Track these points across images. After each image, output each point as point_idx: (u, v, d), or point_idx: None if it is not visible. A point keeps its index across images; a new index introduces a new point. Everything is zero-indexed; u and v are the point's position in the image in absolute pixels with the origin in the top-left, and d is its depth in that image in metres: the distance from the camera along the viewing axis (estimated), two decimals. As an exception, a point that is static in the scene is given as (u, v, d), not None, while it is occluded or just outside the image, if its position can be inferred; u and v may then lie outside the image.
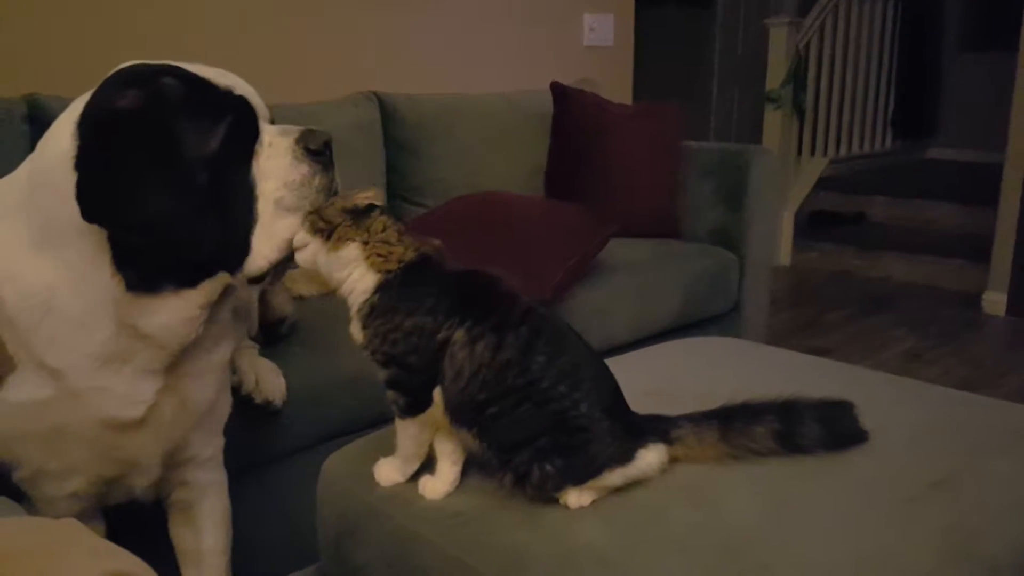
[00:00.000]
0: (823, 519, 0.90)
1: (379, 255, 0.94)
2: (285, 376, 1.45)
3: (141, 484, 1.13)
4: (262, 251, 1.00)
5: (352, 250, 0.94)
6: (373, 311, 0.94)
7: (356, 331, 0.96)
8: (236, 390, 1.33)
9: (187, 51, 2.23)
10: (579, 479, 0.92)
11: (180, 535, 1.23)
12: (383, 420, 1.43)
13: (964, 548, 0.87)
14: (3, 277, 0.97)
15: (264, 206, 0.99)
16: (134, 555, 0.64)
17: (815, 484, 0.97)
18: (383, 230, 0.95)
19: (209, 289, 1.01)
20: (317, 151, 1.01)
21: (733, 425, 0.99)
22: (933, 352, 3.05)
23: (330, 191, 1.02)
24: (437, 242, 0.99)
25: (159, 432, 1.09)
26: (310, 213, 0.98)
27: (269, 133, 1.01)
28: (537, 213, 2.09)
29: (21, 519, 0.81)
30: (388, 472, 1.02)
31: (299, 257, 0.98)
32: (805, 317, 3.47)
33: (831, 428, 1.01)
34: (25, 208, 0.97)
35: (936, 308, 3.60)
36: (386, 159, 2.36)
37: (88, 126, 0.93)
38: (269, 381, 1.41)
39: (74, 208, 0.91)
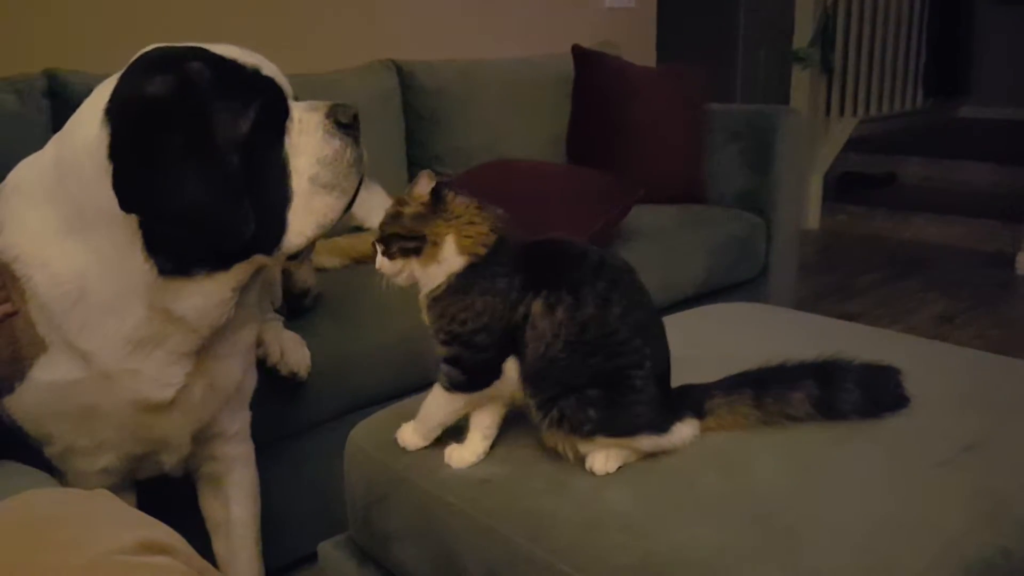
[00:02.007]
0: (853, 484, 0.89)
1: (467, 237, 0.92)
2: (310, 348, 1.46)
3: (170, 460, 1.15)
4: (299, 229, 0.99)
5: (449, 244, 0.92)
6: (448, 291, 0.92)
7: (424, 309, 0.95)
8: (261, 362, 1.34)
9: (204, 21, 2.22)
10: (614, 432, 0.92)
11: (209, 507, 1.25)
12: (408, 390, 1.43)
13: (996, 511, 0.86)
14: (35, 263, 0.98)
15: (299, 183, 0.99)
16: (165, 525, 0.65)
17: (845, 449, 0.95)
18: (465, 211, 0.93)
19: (243, 270, 1.01)
20: (347, 124, 1.01)
21: (768, 391, 0.98)
22: (966, 315, 3.00)
23: (361, 165, 1.03)
24: (500, 211, 0.96)
25: (189, 413, 1.10)
26: (380, 240, 0.95)
27: (298, 109, 1.01)
28: (559, 180, 2.07)
29: (54, 490, 0.83)
30: (412, 437, 1.02)
31: (399, 281, 0.96)
32: (834, 282, 3.43)
33: (872, 393, 0.99)
34: (54, 194, 0.97)
35: (969, 270, 3.54)
36: (405, 128, 2.35)
37: (119, 115, 0.92)
38: (294, 353, 1.42)
39: (104, 195, 0.91)
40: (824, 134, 4.40)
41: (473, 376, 0.94)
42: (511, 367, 0.93)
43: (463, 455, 0.99)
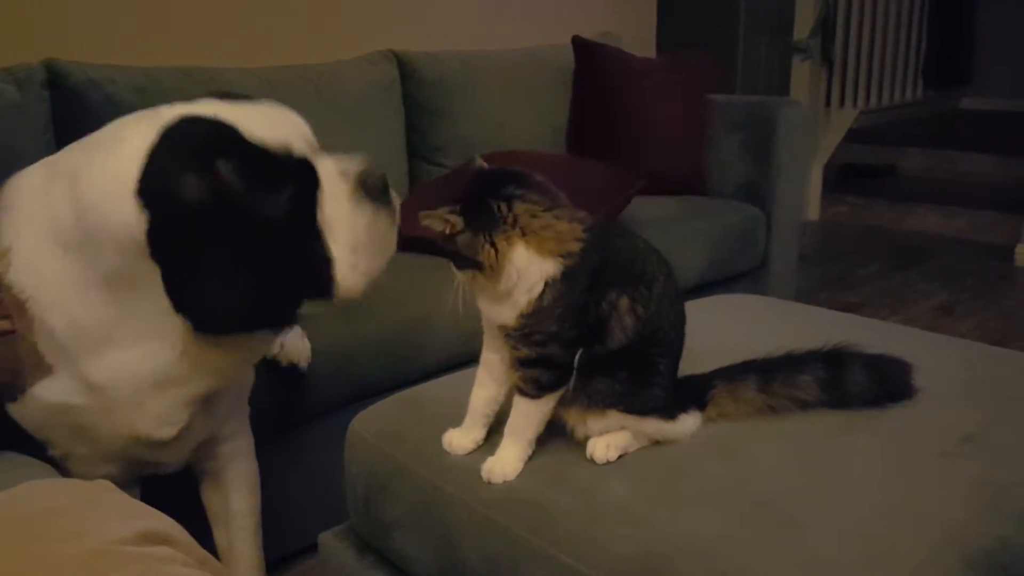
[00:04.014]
0: (854, 474, 0.89)
1: (549, 239, 0.87)
2: (311, 338, 1.46)
3: (170, 468, 1.16)
4: (350, 285, 1.02)
5: (519, 250, 0.86)
6: (550, 294, 0.87)
7: (511, 314, 0.89)
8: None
9: (205, 12, 2.21)
10: (629, 409, 0.93)
11: (210, 498, 1.25)
12: (409, 380, 1.44)
13: (995, 501, 0.86)
14: (53, 307, 0.96)
15: (340, 252, 1.00)
16: (166, 515, 0.65)
17: (846, 439, 0.96)
18: (533, 216, 0.87)
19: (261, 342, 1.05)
20: (375, 190, 1.01)
21: (775, 376, 0.98)
22: (966, 306, 3.00)
23: (395, 222, 1.04)
24: (564, 197, 0.92)
25: (186, 444, 1.12)
26: (454, 261, 0.90)
27: (327, 178, 1.00)
28: (560, 171, 2.05)
29: (54, 480, 0.83)
30: (509, 464, 0.95)
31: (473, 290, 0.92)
32: (835, 272, 3.43)
33: (880, 379, 1.00)
34: (78, 250, 0.94)
35: (969, 261, 3.54)
36: (406, 118, 2.34)
37: (157, 213, 0.90)
38: (294, 344, 1.42)
39: (145, 268, 0.92)
40: (824, 125, 4.39)
41: (563, 373, 0.92)
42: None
43: (462, 443, 0.99)
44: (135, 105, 1.70)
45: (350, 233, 1.00)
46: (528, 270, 0.86)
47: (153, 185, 0.91)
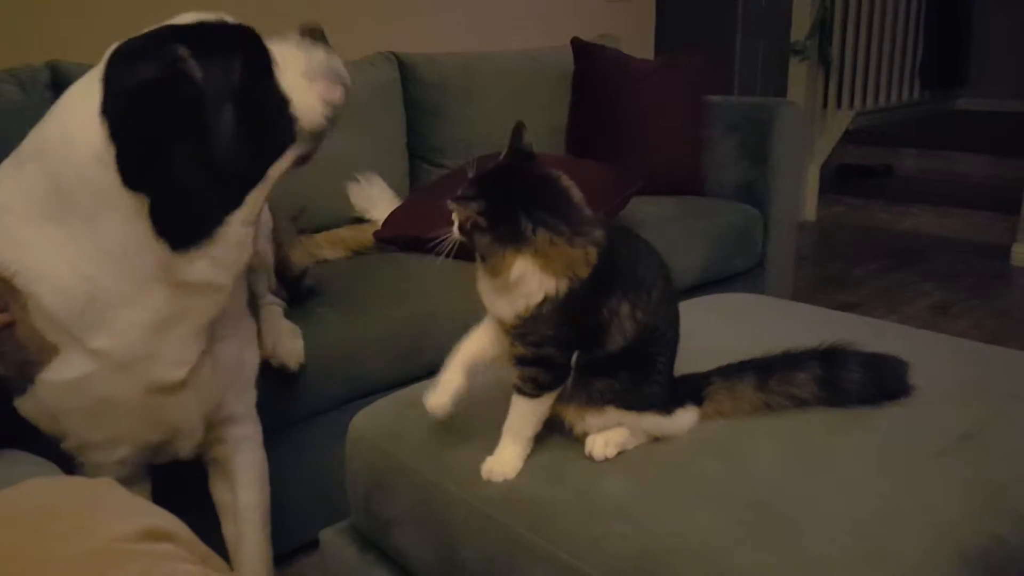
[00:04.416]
0: (850, 473, 0.90)
1: (559, 262, 0.87)
2: (312, 337, 1.46)
3: (184, 447, 1.17)
4: (310, 115, 1.05)
5: (528, 266, 0.86)
6: (550, 306, 0.88)
7: (509, 312, 0.90)
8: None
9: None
10: (628, 405, 0.94)
11: (219, 490, 1.26)
12: (410, 378, 1.44)
13: (991, 500, 0.87)
14: (38, 277, 0.98)
15: (295, 81, 1.04)
16: (168, 512, 0.66)
17: (842, 438, 0.96)
18: (552, 243, 0.86)
19: (253, 197, 1.03)
20: (320, 38, 1.08)
21: (772, 374, 0.99)
22: (961, 305, 3.01)
23: (342, 67, 1.09)
24: (588, 213, 0.92)
25: (199, 393, 1.11)
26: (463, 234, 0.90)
27: (275, 46, 1.05)
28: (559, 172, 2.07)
29: (55, 478, 0.83)
30: (509, 463, 0.95)
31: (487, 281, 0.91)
32: (831, 272, 3.43)
33: (877, 377, 1.01)
34: (54, 210, 0.97)
35: (965, 261, 3.55)
36: (406, 120, 2.35)
37: (116, 110, 0.93)
38: (284, 346, 1.42)
39: (113, 195, 0.93)
40: (821, 126, 4.40)
41: (560, 373, 0.92)
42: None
43: (440, 400, 0.95)
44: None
45: (304, 65, 1.05)
46: (530, 282, 0.87)
47: (111, 93, 0.94)
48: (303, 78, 1.05)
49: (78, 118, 0.96)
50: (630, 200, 2.05)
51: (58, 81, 1.70)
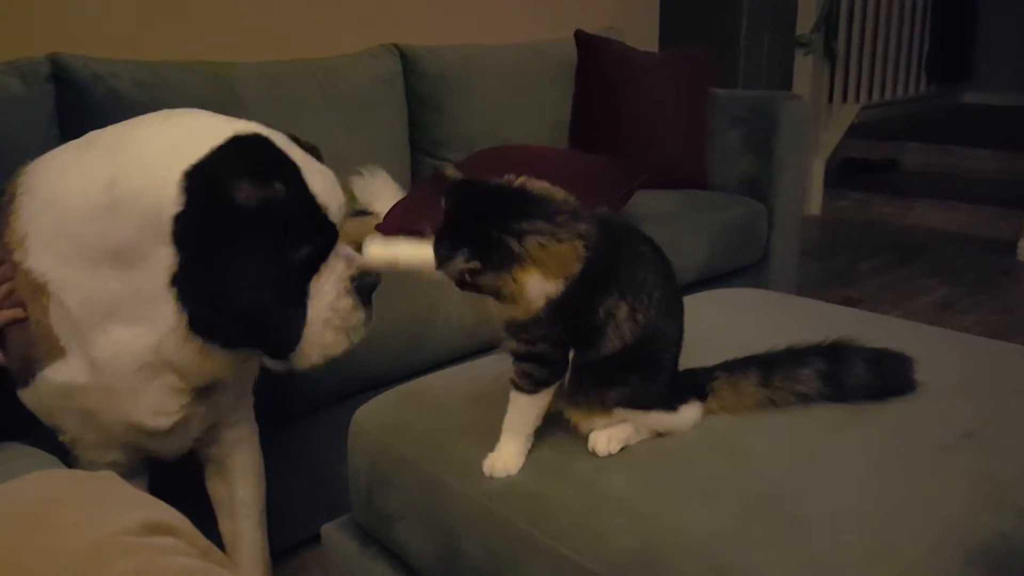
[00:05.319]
0: (854, 469, 0.90)
1: (554, 264, 0.86)
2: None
3: (171, 455, 1.17)
4: (309, 355, 1.06)
5: (534, 278, 0.86)
6: (547, 308, 0.87)
7: (506, 315, 0.90)
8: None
9: (208, 7, 2.21)
10: (634, 404, 0.93)
11: (215, 487, 1.26)
12: (411, 373, 1.44)
13: (994, 496, 0.86)
14: (66, 284, 0.99)
15: (314, 320, 1.04)
16: (169, 505, 0.65)
17: (846, 434, 0.96)
18: (542, 247, 0.85)
19: (249, 356, 1.08)
20: (362, 292, 1.08)
21: (776, 369, 0.99)
22: (966, 301, 3.00)
23: (367, 325, 1.10)
24: (573, 200, 0.93)
25: (187, 433, 1.14)
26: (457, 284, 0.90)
27: (336, 253, 1.06)
28: (562, 165, 2.06)
29: (57, 471, 0.83)
30: (510, 460, 0.95)
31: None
32: (836, 267, 3.43)
33: (881, 373, 1.00)
34: (103, 224, 0.96)
35: (970, 257, 3.54)
36: (408, 113, 2.34)
37: (198, 198, 0.93)
38: None
39: (157, 251, 0.94)
40: (826, 120, 4.39)
41: (555, 369, 0.92)
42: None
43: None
44: (138, 99, 1.72)
45: (328, 312, 1.05)
46: (536, 292, 0.87)
47: (205, 174, 0.95)
48: (321, 324, 1.05)
49: (162, 160, 0.95)
50: (634, 194, 2.05)
51: (59, 74, 1.69)
